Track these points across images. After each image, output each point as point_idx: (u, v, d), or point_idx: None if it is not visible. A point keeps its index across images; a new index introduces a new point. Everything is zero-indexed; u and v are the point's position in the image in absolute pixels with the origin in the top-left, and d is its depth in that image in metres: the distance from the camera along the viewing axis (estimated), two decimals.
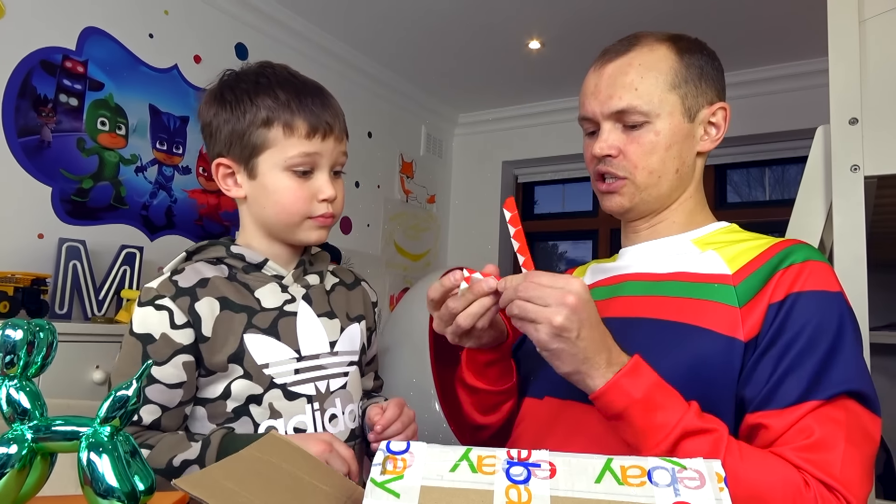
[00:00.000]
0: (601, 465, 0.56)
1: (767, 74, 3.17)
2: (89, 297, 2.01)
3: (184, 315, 0.82)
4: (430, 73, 3.44)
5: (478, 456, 0.58)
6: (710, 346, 0.76)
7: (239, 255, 0.89)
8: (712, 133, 0.89)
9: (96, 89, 2.19)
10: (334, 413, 0.89)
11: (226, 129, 0.87)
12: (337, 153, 0.89)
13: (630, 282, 0.89)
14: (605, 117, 0.86)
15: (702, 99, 0.87)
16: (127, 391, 0.55)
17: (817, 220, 1.33)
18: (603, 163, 0.87)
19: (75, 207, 2.12)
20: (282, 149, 0.85)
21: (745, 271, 0.80)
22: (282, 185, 0.86)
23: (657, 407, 0.69)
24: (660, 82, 0.84)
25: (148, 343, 0.81)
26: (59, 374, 1.61)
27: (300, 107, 0.86)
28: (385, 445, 0.59)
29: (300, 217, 0.87)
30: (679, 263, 0.86)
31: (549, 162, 3.91)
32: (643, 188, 0.86)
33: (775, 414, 0.72)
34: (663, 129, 0.84)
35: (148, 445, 0.78)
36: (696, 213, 0.92)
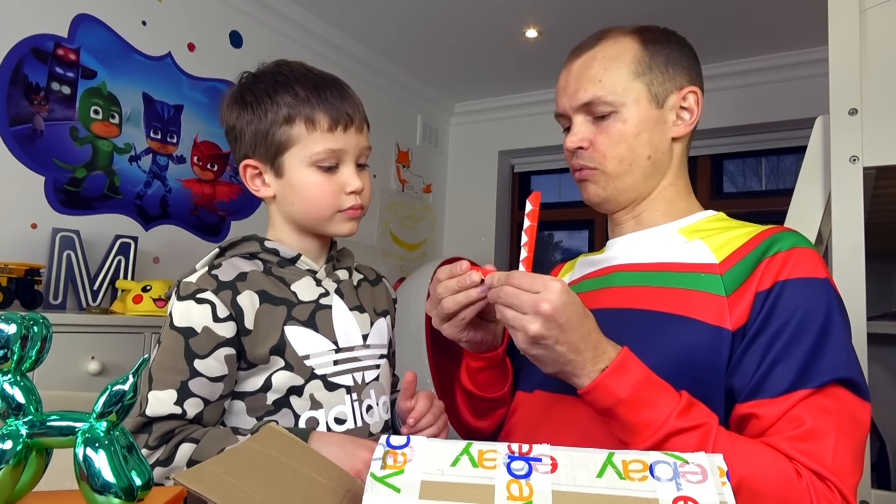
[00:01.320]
0: (603, 460, 0.56)
1: (763, 64, 3.16)
2: (84, 288, 2.00)
3: (226, 308, 0.82)
4: (426, 61, 3.42)
5: (478, 450, 0.57)
6: (697, 336, 0.76)
7: (273, 249, 0.90)
8: (686, 118, 0.89)
9: (89, 77, 2.16)
10: (370, 404, 0.90)
11: (249, 131, 0.88)
12: (360, 145, 0.90)
13: (618, 272, 0.89)
14: (575, 111, 0.88)
15: (670, 84, 0.87)
16: (123, 385, 0.54)
17: (816, 211, 1.33)
18: (576, 156, 0.89)
19: (69, 197, 2.10)
20: (306, 145, 0.86)
21: (731, 260, 0.79)
22: (309, 181, 0.87)
23: (644, 404, 0.69)
24: (623, 72, 0.86)
25: (190, 336, 0.81)
26: (54, 366, 1.60)
27: (320, 101, 0.86)
28: (385, 440, 0.58)
29: (330, 211, 0.89)
30: (666, 253, 0.86)
31: (546, 151, 3.89)
32: (614, 177, 0.87)
33: (765, 403, 0.72)
34: (631, 116, 0.85)
35: (193, 439, 0.79)
36: (679, 200, 0.91)
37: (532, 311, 0.68)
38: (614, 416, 0.70)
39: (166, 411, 0.79)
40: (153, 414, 0.79)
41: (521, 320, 0.69)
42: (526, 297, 0.69)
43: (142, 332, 1.82)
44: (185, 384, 0.80)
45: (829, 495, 0.67)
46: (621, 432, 0.71)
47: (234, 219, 2.67)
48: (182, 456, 0.78)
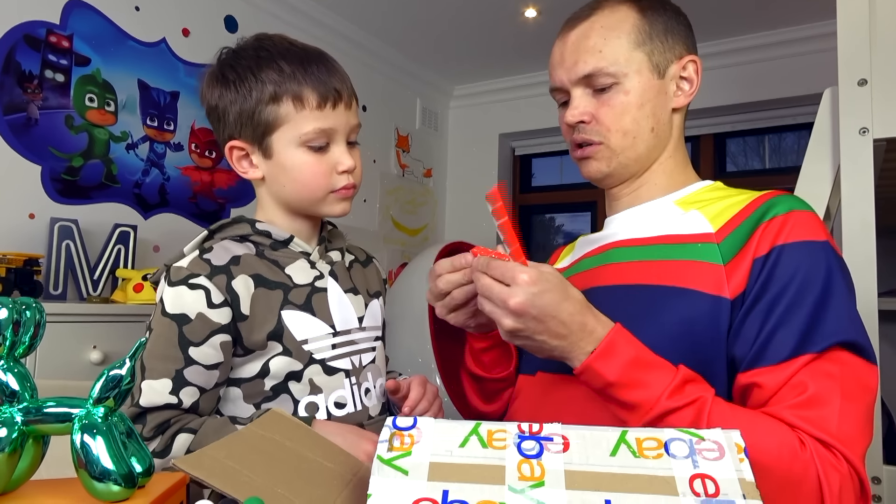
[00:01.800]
0: (616, 438, 0.54)
1: (765, 41, 3.11)
2: (84, 277, 1.98)
3: (221, 294, 0.80)
4: (424, 44, 3.37)
5: (487, 430, 0.56)
6: (695, 307, 0.74)
7: (265, 231, 0.87)
8: (685, 88, 0.87)
9: (83, 64, 2.13)
10: (368, 387, 0.90)
11: (234, 110, 0.84)
12: (350, 122, 0.87)
13: (616, 248, 0.87)
14: (574, 84, 0.85)
15: (670, 54, 0.86)
16: (120, 370, 0.52)
17: (824, 185, 1.31)
18: (577, 130, 0.86)
19: (66, 186, 2.07)
20: (294, 125, 0.83)
21: (727, 227, 0.78)
22: (299, 161, 0.84)
23: (635, 384, 0.67)
24: (623, 42, 0.83)
25: (183, 323, 0.78)
26: (55, 356, 1.59)
27: (306, 76, 0.83)
28: (391, 421, 0.57)
29: (322, 192, 0.86)
30: (663, 226, 0.84)
31: (547, 133, 3.86)
32: (619, 151, 0.85)
33: (767, 371, 0.70)
34: (633, 87, 0.83)
35: (191, 430, 0.77)
36: (678, 173, 0.89)
37: (502, 306, 0.67)
38: (607, 397, 0.70)
39: (161, 401, 0.77)
40: (147, 404, 0.77)
41: (496, 314, 0.68)
42: (498, 289, 0.67)
43: (143, 321, 1.80)
44: (179, 373, 0.78)
45: (836, 463, 0.64)
46: (618, 412, 0.70)
47: (234, 206, 2.65)
48: (179, 447, 0.76)
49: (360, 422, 0.86)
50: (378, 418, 0.90)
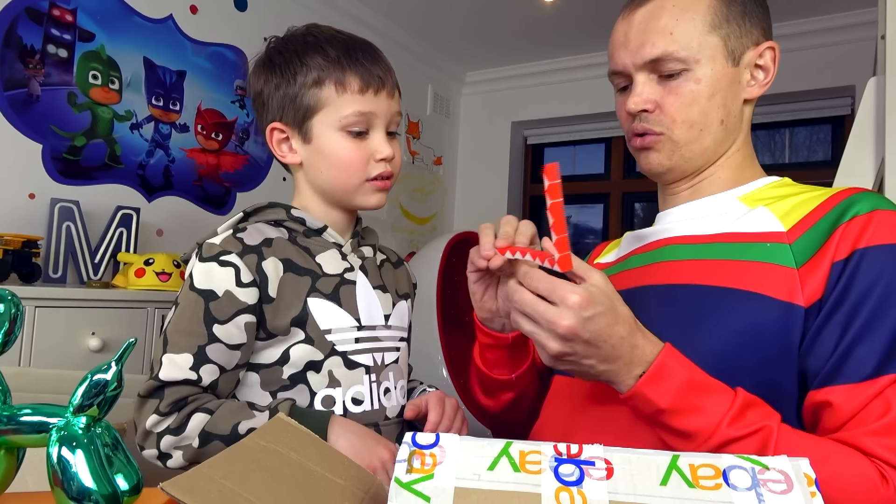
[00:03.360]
0: (667, 464, 0.48)
1: (775, 33, 3.02)
2: (84, 261, 1.93)
3: (251, 273, 0.79)
4: (437, 27, 3.29)
5: (519, 451, 0.49)
6: (765, 314, 0.66)
7: (300, 218, 0.86)
8: (760, 77, 0.79)
9: (87, 40, 2.06)
10: (388, 387, 0.87)
11: (277, 94, 0.85)
12: (391, 110, 0.87)
13: (671, 246, 0.80)
14: (639, 68, 0.77)
15: (746, 39, 0.77)
16: (105, 374, 0.46)
17: (866, 179, 1.23)
18: (638, 119, 0.78)
19: (68, 166, 2.01)
20: (335, 108, 0.83)
21: (801, 227, 0.70)
22: (338, 146, 0.84)
23: (690, 411, 0.61)
24: (697, 24, 0.75)
25: (210, 300, 0.77)
26: (52, 343, 1.53)
27: (351, 62, 0.83)
28: (411, 438, 0.50)
29: (359, 179, 0.85)
30: (725, 223, 0.76)
31: (561, 123, 3.77)
32: (682, 144, 0.77)
33: (844, 390, 0.62)
34: (705, 76, 0.75)
35: (207, 410, 0.75)
36: (745, 167, 0.82)
37: (547, 329, 0.60)
38: (659, 424, 0.63)
39: (181, 376, 0.76)
40: (167, 378, 0.75)
41: (539, 336, 0.62)
42: (543, 309, 0.60)
43: (144, 307, 1.75)
44: (202, 349, 0.76)
45: None
46: (671, 441, 0.63)
47: (240, 190, 2.58)
48: (195, 426, 0.74)
49: (377, 421, 0.84)
50: (394, 420, 0.87)
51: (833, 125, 3.16)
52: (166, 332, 0.78)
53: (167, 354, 0.76)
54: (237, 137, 2.56)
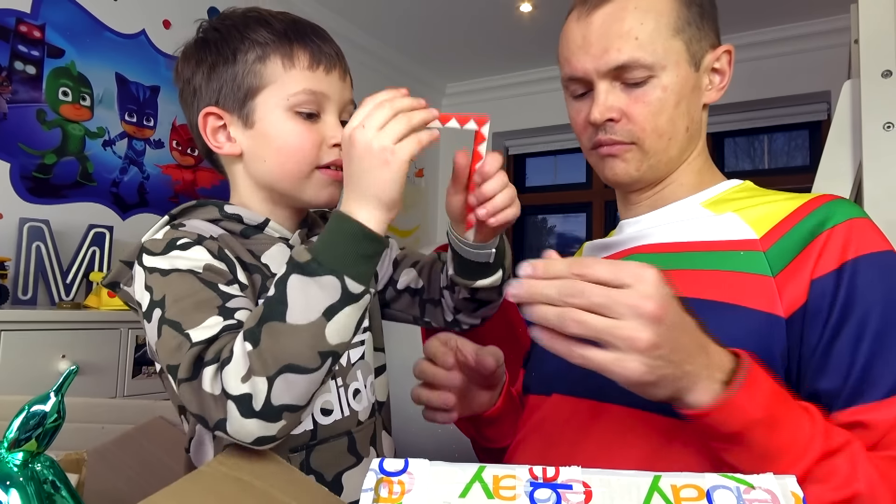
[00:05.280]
0: (647, 485, 0.45)
1: (757, 38, 3.04)
2: (55, 281, 1.87)
3: (216, 254, 0.68)
4: (417, 40, 3.28)
5: (493, 476, 0.46)
6: (745, 325, 0.63)
7: (235, 215, 0.74)
8: (716, 81, 0.77)
9: (56, 56, 2.02)
10: (357, 388, 0.79)
11: (214, 75, 0.74)
12: (344, 96, 0.76)
13: (640, 255, 0.76)
14: (602, 75, 0.72)
15: (705, 43, 0.74)
16: (44, 405, 0.43)
17: (844, 183, 1.23)
18: (603, 130, 0.73)
19: (37, 185, 1.96)
20: (282, 85, 0.72)
21: (774, 234, 0.67)
22: (286, 128, 0.73)
23: (782, 423, 0.54)
24: (662, 27, 0.71)
25: (197, 274, 0.65)
26: (20, 367, 1.48)
27: (298, 36, 0.73)
28: (377, 465, 0.47)
29: (309, 166, 0.74)
30: (694, 230, 0.73)
31: (541, 133, 3.78)
32: (652, 154, 0.74)
33: (872, 408, 0.59)
34: (671, 83, 0.71)
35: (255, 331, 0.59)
36: (705, 171, 0.79)
37: (632, 313, 0.48)
38: (743, 442, 0.54)
39: (217, 330, 0.62)
40: (201, 338, 0.61)
41: (621, 329, 0.49)
42: (616, 294, 0.49)
43: (117, 328, 1.70)
44: (223, 307, 0.63)
45: None
46: (748, 461, 0.54)
47: None
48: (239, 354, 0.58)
49: (349, 429, 0.76)
50: (367, 422, 0.79)
51: (810, 130, 3.19)
52: (170, 320, 0.63)
53: (190, 330, 0.61)
54: None
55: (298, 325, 0.58)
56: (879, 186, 1.13)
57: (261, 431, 0.56)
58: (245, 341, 0.58)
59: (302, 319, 0.58)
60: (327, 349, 0.59)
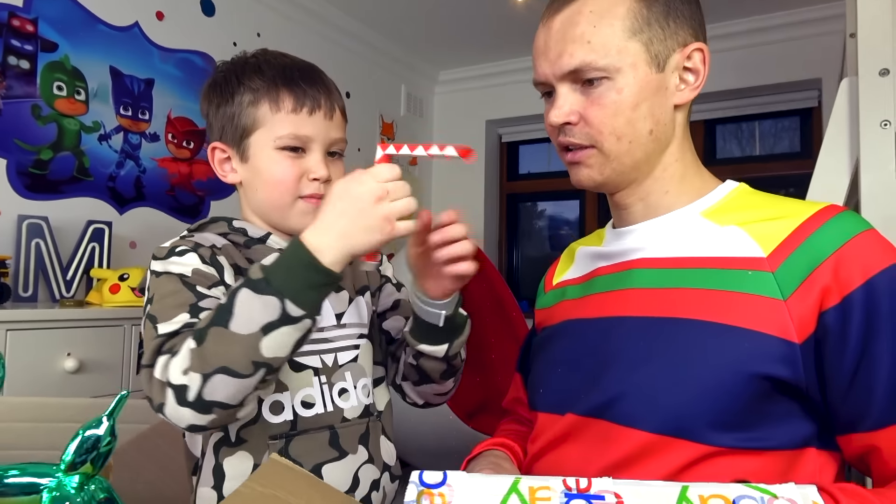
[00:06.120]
0: (676, 495, 0.48)
1: (749, 26, 3.06)
2: (56, 278, 1.87)
3: (208, 261, 0.79)
4: (409, 27, 3.26)
5: (529, 487, 0.49)
6: (758, 351, 0.63)
7: (241, 229, 0.87)
8: (690, 80, 0.75)
9: (49, 50, 2.00)
10: (344, 387, 0.86)
11: (218, 114, 0.87)
12: (330, 134, 0.86)
13: (638, 270, 0.75)
14: (559, 79, 0.74)
15: (671, 42, 0.73)
16: (97, 430, 0.44)
17: (841, 179, 1.25)
18: (563, 132, 0.74)
19: (34, 181, 1.95)
20: (270, 127, 0.83)
21: (781, 252, 0.66)
22: (272, 163, 0.84)
23: None
24: (616, 30, 0.71)
25: (184, 277, 0.76)
26: (26, 366, 1.49)
27: (285, 82, 0.84)
28: (418, 477, 0.49)
29: (291, 196, 0.84)
30: (696, 244, 0.72)
31: (535, 120, 3.78)
32: (613, 157, 0.73)
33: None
34: (626, 84, 0.71)
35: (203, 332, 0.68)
36: (689, 176, 0.78)
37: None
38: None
39: (181, 324, 0.72)
40: (166, 331, 0.71)
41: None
42: None
43: (121, 325, 1.70)
44: (195, 305, 0.74)
45: None
46: None
47: (214, 199, 2.53)
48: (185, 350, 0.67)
49: (332, 423, 0.83)
50: (356, 421, 0.85)
51: (801, 117, 3.22)
52: (151, 316, 0.74)
53: (160, 324, 0.72)
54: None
55: (238, 334, 0.65)
56: (876, 183, 1.16)
57: (193, 420, 0.66)
58: (192, 339, 0.67)
59: (242, 330, 0.65)
60: (261, 360, 0.66)
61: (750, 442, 0.63)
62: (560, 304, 0.86)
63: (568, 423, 0.74)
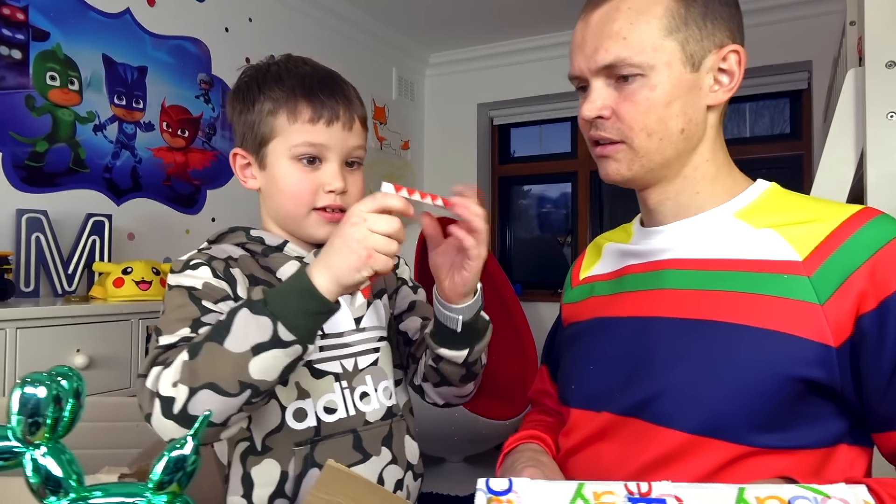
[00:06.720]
0: (734, 496, 0.50)
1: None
2: (57, 273, 1.85)
3: (221, 274, 0.80)
4: (399, 9, 3.23)
5: (593, 492, 0.51)
6: (796, 355, 0.65)
7: (258, 238, 0.88)
8: (724, 82, 0.76)
9: (41, 39, 1.96)
10: (365, 391, 0.87)
11: (240, 121, 0.88)
12: (348, 143, 0.86)
13: (671, 271, 0.76)
14: (594, 73, 0.75)
15: (707, 43, 0.74)
16: (182, 450, 0.45)
17: (847, 170, 1.28)
18: (595, 126, 0.76)
19: (31, 174, 1.92)
20: (287, 137, 0.84)
21: (817, 257, 0.67)
22: (287, 174, 0.85)
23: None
24: (653, 27, 0.72)
25: (193, 290, 0.78)
26: (38, 364, 1.48)
27: (304, 93, 0.84)
28: (485, 484, 0.51)
29: (305, 208, 0.85)
30: (730, 246, 0.73)
31: (526, 103, 3.78)
32: (642, 153, 0.75)
33: None
34: (660, 82, 0.72)
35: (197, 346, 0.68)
36: (721, 177, 0.79)
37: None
38: None
39: (180, 338, 0.73)
40: (166, 343, 0.73)
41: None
42: None
43: (128, 319, 1.70)
44: (197, 320, 0.75)
45: None
46: None
47: (210, 188, 2.51)
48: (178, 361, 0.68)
49: (355, 427, 0.84)
50: (378, 423, 0.86)
51: (791, 99, 3.26)
52: (157, 327, 0.76)
53: (161, 337, 0.74)
54: (204, 133, 2.49)
55: (230, 352, 0.66)
56: (882, 175, 1.19)
57: (175, 433, 0.66)
58: (186, 352, 0.67)
59: (235, 348, 0.66)
60: (248, 381, 0.66)
61: (785, 441, 0.65)
62: (589, 301, 0.88)
63: (604, 422, 0.76)
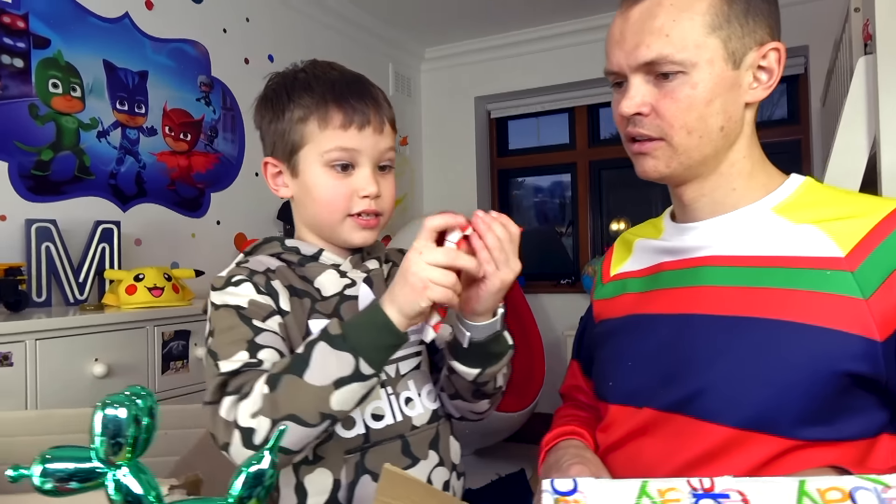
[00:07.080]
0: (796, 489, 0.51)
1: None
2: (69, 282, 1.85)
3: (263, 289, 0.80)
4: (394, 4, 3.22)
5: (657, 490, 0.52)
6: (842, 350, 0.65)
7: (294, 248, 0.88)
8: (763, 79, 0.75)
9: (42, 46, 1.94)
10: (409, 396, 0.87)
11: (270, 129, 0.87)
12: (379, 147, 0.85)
13: (709, 267, 0.76)
14: (633, 70, 0.75)
15: (749, 40, 0.73)
16: (260, 464, 0.46)
17: (860, 158, 1.29)
18: (633, 123, 0.76)
19: (38, 183, 1.91)
20: (318, 143, 0.83)
21: (860, 252, 0.67)
22: (321, 181, 0.84)
23: None
24: (696, 24, 0.71)
25: (240, 309, 0.77)
26: (56, 374, 1.48)
27: (335, 99, 0.83)
28: (550, 485, 0.52)
29: (340, 215, 0.84)
30: (770, 243, 0.73)
31: (523, 95, 3.78)
32: (681, 151, 0.75)
33: None
34: (702, 80, 0.72)
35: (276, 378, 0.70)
36: (757, 173, 0.78)
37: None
38: None
39: (241, 363, 0.73)
40: (228, 370, 0.73)
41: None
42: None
43: (143, 326, 1.70)
44: (252, 342, 0.75)
45: None
46: None
47: (214, 190, 2.50)
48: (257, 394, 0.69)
49: (402, 433, 0.84)
50: (425, 427, 0.87)
51: (788, 84, 3.28)
52: (211, 351, 0.76)
53: (220, 361, 0.74)
54: (206, 136, 2.48)
55: (311, 385, 0.68)
56: None
57: (245, 447, 0.67)
58: (265, 384, 0.68)
59: (316, 381, 0.68)
60: (328, 412, 0.69)
61: (831, 434, 0.66)
62: (622, 297, 0.88)
63: (646, 418, 0.76)
